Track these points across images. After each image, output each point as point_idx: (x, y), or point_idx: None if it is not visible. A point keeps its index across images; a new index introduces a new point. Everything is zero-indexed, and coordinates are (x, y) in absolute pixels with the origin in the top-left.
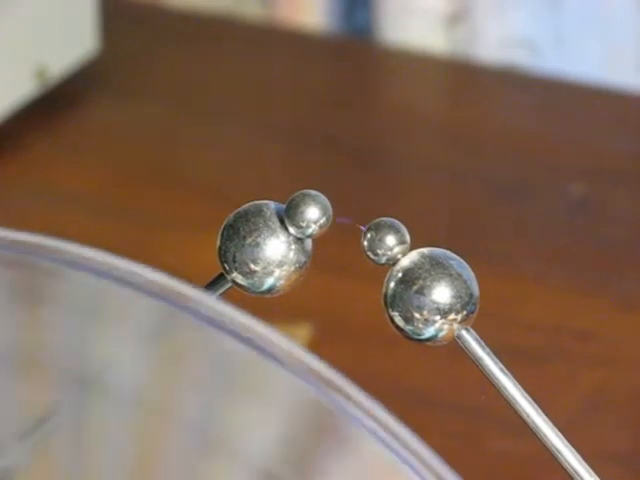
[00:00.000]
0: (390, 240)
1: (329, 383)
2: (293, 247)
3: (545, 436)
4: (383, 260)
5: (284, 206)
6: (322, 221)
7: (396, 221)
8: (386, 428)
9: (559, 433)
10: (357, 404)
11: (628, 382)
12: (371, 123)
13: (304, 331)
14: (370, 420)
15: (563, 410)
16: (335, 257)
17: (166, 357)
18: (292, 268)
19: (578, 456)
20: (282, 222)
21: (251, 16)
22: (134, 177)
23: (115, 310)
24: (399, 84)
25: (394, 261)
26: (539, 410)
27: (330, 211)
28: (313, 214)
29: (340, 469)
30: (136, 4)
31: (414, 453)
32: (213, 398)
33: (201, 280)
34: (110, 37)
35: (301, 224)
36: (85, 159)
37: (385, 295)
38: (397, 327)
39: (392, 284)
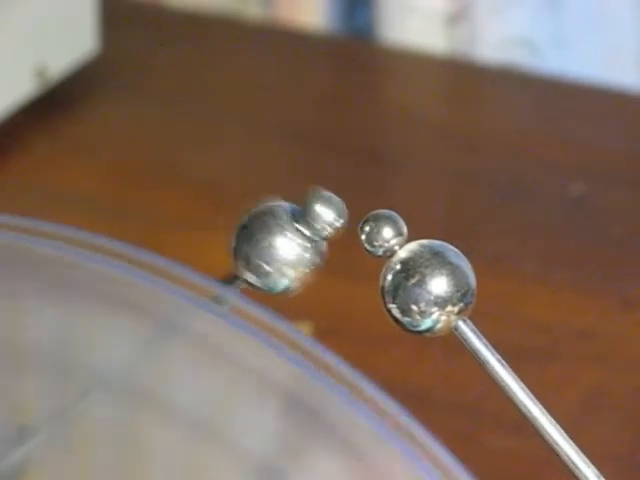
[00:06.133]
0: (387, 232)
1: (336, 375)
2: (308, 248)
3: (542, 427)
4: (380, 252)
5: (298, 207)
6: (338, 223)
7: (394, 213)
8: (393, 423)
9: (556, 424)
10: (366, 398)
11: (628, 381)
12: (371, 123)
13: (304, 331)
14: (376, 414)
15: (563, 409)
16: (335, 257)
17: (168, 351)
18: (307, 269)
19: (575, 447)
20: (297, 223)
21: (251, 16)
22: (134, 177)
23: (122, 303)
24: (399, 84)
25: (391, 253)
26: (536, 401)
27: (345, 213)
28: (329, 216)
29: (343, 465)
30: (136, 4)
31: (424, 449)
32: (213, 391)
33: None
34: (110, 37)
35: (316, 226)
36: (85, 159)
37: (382, 287)
38: (394, 319)
39: (389, 276)
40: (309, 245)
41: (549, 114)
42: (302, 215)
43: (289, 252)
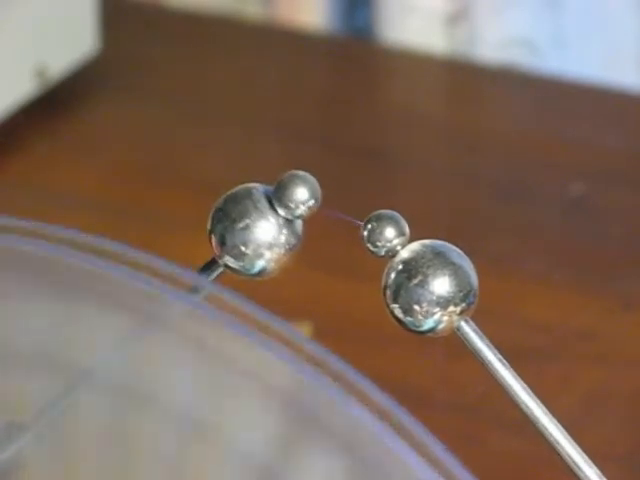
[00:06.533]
0: (390, 232)
1: (334, 375)
2: (283, 229)
3: (544, 427)
4: (382, 252)
5: (272, 188)
6: (311, 202)
7: (396, 213)
8: (393, 423)
9: (558, 424)
10: (366, 398)
11: (628, 381)
12: (371, 123)
13: (304, 331)
14: (376, 414)
15: (563, 409)
16: (335, 257)
17: (158, 346)
18: (282, 250)
19: (577, 447)
20: (271, 204)
21: (251, 16)
22: (134, 177)
23: (110, 297)
24: (399, 84)
25: (394, 253)
26: (538, 401)
27: (319, 192)
28: (302, 195)
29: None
30: (136, 4)
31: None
32: (207, 387)
33: None
34: (110, 37)
35: (290, 205)
36: (85, 159)
37: (385, 287)
38: (396, 319)
39: (392, 276)
40: (284, 225)
41: (549, 114)
42: (277, 195)
43: (264, 233)
